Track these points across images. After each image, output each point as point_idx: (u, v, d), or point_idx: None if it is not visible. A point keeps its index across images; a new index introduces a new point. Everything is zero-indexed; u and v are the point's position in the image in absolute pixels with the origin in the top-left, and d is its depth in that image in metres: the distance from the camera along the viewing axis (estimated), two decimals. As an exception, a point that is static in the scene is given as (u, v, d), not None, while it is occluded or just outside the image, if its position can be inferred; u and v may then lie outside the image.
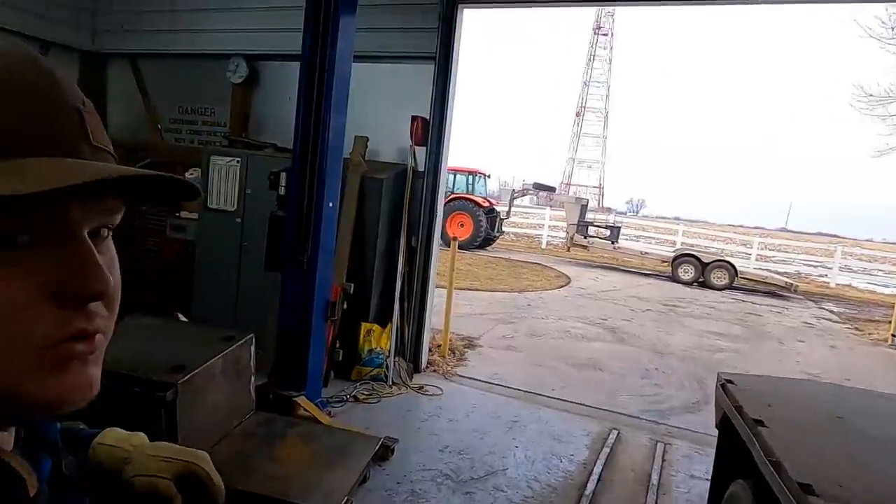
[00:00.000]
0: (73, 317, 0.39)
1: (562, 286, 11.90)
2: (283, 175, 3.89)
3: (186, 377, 2.84)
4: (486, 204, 17.05)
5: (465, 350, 6.19)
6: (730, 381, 2.73)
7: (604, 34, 70.48)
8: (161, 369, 2.83)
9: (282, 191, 3.91)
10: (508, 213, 18.17)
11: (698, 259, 14.13)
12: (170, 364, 2.88)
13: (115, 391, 2.72)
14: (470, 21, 5.03)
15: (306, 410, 3.69)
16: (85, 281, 0.38)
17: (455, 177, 17.70)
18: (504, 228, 18.89)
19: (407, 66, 5.07)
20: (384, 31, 4.97)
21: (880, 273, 21.29)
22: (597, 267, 15.80)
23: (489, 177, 18.28)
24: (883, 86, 12.43)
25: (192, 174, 5.64)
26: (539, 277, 12.74)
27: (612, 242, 15.69)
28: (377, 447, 3.32)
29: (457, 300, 9.25)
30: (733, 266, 14.01)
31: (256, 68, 5.70)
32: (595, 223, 17.43)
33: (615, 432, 4.34)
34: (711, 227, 34.67)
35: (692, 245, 17.81)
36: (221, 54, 5.70)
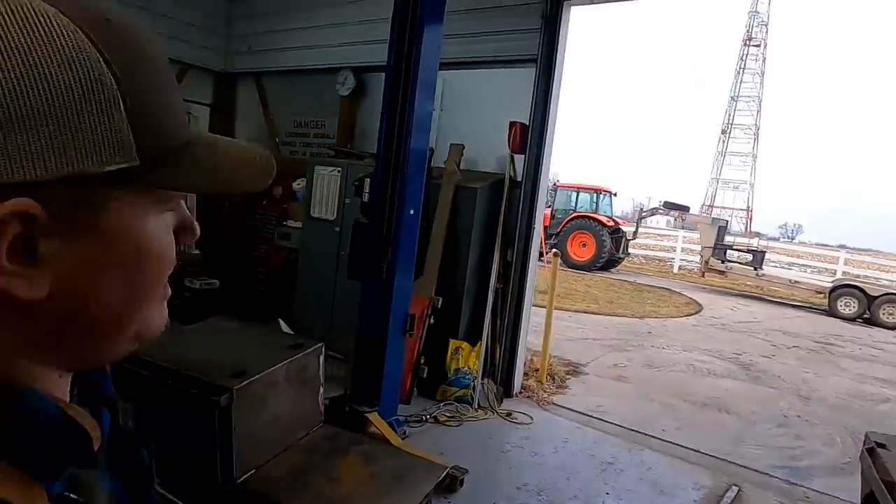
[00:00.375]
0: (174, 259, 0.44)
1: (691, 314, 10.79)
2: (367, 181, 3.78)
3: (244, 383, 2.75)
4: (611, 223, 16.14)
5: (567, 377, 5.68)
6: (881, 446, 2.07)
7: (755, 45, 65.25)
8: (221, 373, 2.78)
9: (365, 197, 3.80)
10: (635, 233, 17.05)
11: (863, 291, 12.13)
12: (232, 369, 2.83)
13: (177, 392, 2.71)
14: (580, 20, 4.65)
15: (377, 428, 3.50)
16: (196, 228, 0.46)
17: (578, 194, 17.04)
18: (631, 250, 17.78)
19: (508, 70, 4.80)
20: (483, 35, 4.75)
21: None
22: (736, 295, 14.21)
23: (615, 195, 17.32)
24: None
25: (298, 185, 5.81)
26: (666, 303, 11.68)
27: (755, 269, 14.03)
28: (442, 476, 3.02)
29: (568, 323, 8.72)
30: (911, 303, 11.83)
31: (363, 80, 5.76)
32: (735, 247, 15.74)
33: (734, 489, 3.64)
34: (884, 256, 29.99)
35: (857, 275, 15.43)
36: (332, 68, 5.84)
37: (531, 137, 4.56)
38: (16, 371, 0.38)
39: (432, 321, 4.40)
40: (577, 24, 4.74)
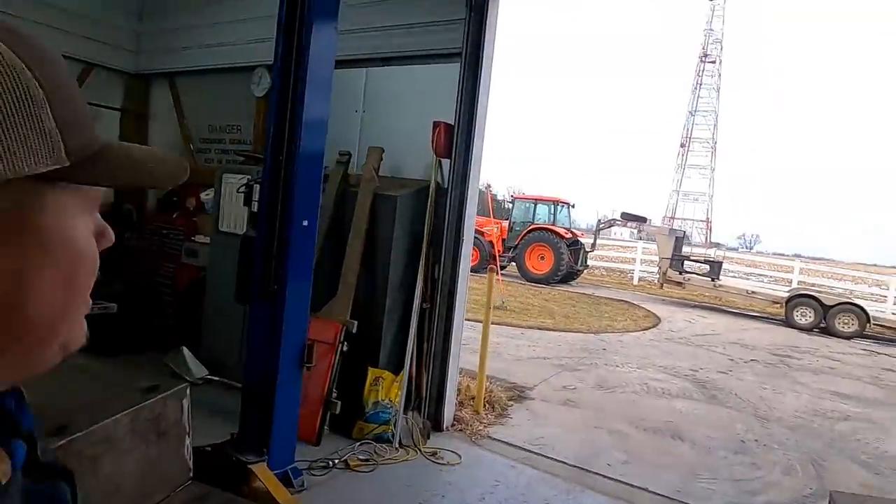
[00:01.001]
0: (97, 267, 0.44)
1: (648, 328, 10.46)
2: (256, 187, 3.22)
3: (63, 442, 2.16)
4: (569, 235, 15.86)
5: (510, 403, 5.17)
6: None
7: (711, 62, 67.12)
8: (37, 429, 2.16)
9: (254, 206, 3.24)
10: (594, 245, 16.81)
11: (819, 301, 12.05)
12: (53, 422, 2.22)
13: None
14: (508, 10, 4.21)
15: (262, 482, 2.91)
16: (110, 234, 0.46)
17: (536, 206, 16.73)
18: (590, 262, 17.53)
19: (433, 66, 4.33)
20: (405, 27, 4.28)
21: None
22: (694, 307, 14.04)
23: (573, 206, 17.08)
24: None
25: (207, 195, 5.20)
26: (623, 317, 11.35)
27: (712, 279, 13.88)
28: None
29: (520, 341, 8.25)
30: (864, 310, 11.79)
31: (281, 80, 5.21)
32: (692, 257, 15.62)
33: (684, 539, 3.16)
34: (837, 265, 30.61)
35: (812, 284, 15.46)
36: (246, 66, 5.27)
37: (457, 139, 4.08)
38: None
39: (346, 348, 3.84)
40: (530, 21, 4.32)
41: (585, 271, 17.13)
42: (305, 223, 3.05)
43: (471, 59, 4.06)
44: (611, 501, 3.55)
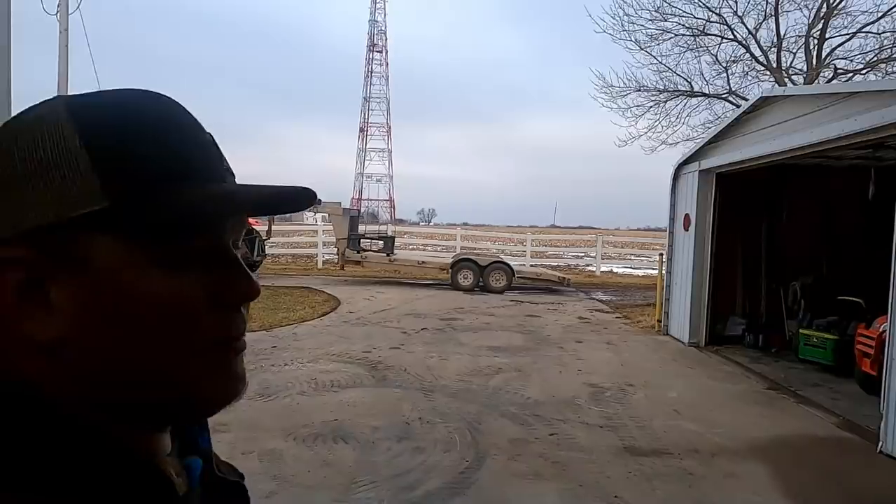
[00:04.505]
0: (234, 317, 0.44)
1: (326, 313, 10.03)
2: None
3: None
4: (242, 224, 14.48)
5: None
6: None
7: (378, 51, 71.43)
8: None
9: None
10: (268, 232, 15.76)
11: (476, 262, 13.42)
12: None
13: None
14: None
15: None
16: (244, 286, 0.44)
17: (199, 195, 14.81)
18: (270, 250, 16.45)
19: None
20: None
21: (631, 257, 23.61)
22: (374, 283, 14.28)
23: (244, 193, 15.65)
24: (622, 77, 12.95)
25: None
26: (302, 305, 10.70)
27: (388, 254, 14.32)
28: None
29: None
30: (510, 266, 13.57)
31: None
32: (367, 235, 15.94)
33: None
34: (493, 229, 36.08)
35: (472, 249, 17.38)
36: None
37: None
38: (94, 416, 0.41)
39: None
40: None
41: (265, 261, 15.99)
42: None
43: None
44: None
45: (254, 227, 14.91)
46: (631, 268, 21.22)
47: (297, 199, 0.44)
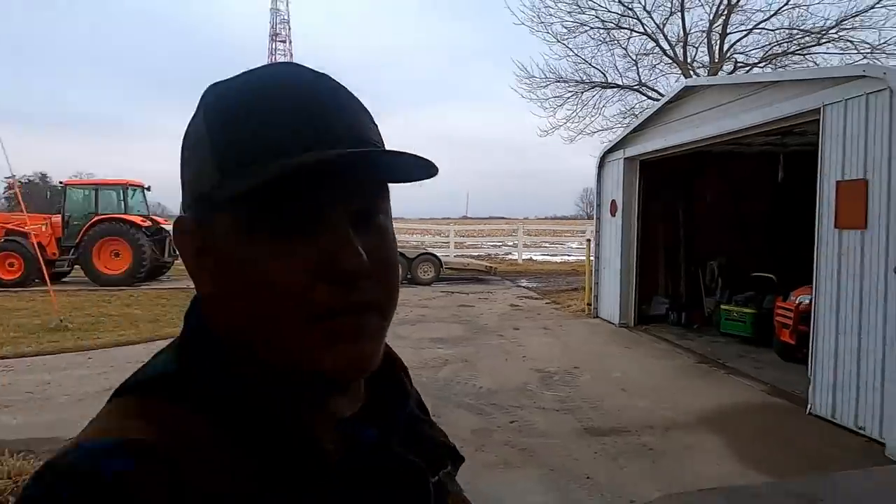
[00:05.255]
0: (343, 292, 0.43)
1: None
2: None
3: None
4: (149, 223, 13.44)
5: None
6: None
7: (281, 41, 68.95)
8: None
9: None
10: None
11: (403, 255, 13.26)
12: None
13: None
14: None
15: None
16: (341, 259, 0.43)
17: (97, 193, 13.55)
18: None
19: None
20: None
21: (546, 245, 24.41)
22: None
23: (149, 189, 14.54)
24: (542, 69, 13.23)
25: None
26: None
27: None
28: None
29: (84, 369, 6.15)
30: (438, 258, 13.56)
31: None
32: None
33: None
34: (407, 221, 35.88)
35: (401, 241, 17.19)
36: None
37: None
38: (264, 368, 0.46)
39: None
40: None
41: (177, 261, 14.97)
42: None
43: None
44: None
45: (162, 225, 13.91)
46: (549, 255, 21.93)
47: (409, 168, 0.45)
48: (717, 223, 8.81)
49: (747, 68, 11.58)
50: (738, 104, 5.88)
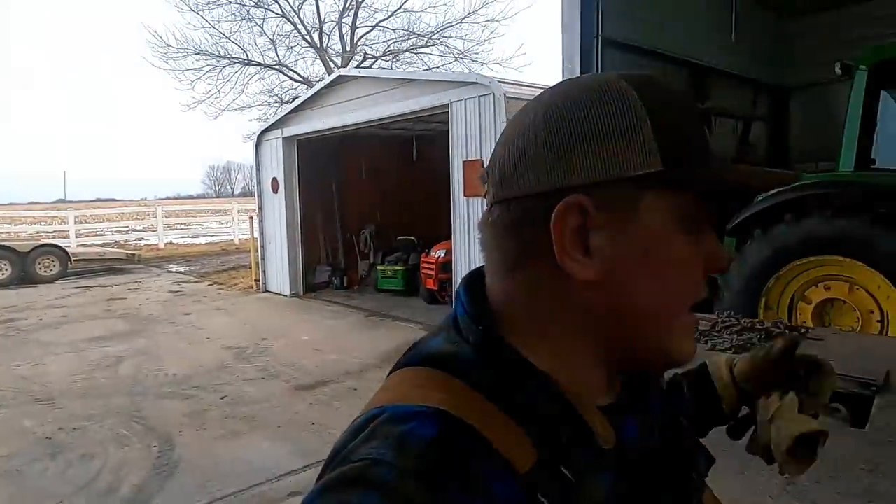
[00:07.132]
0: (706, 285, 0.49)
1: None
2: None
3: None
4: None
5: None
6: None
7: None
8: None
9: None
10: None
11: (13, 250, 10.80)
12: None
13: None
14: None
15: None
16: (723, 258, 0.50)
17: None
18: None
19: None
20: None
21: (181, 227, 22.85)
22: None
23: None
24: (179, 39, 12.29)
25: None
26: None
27: None
28: None
29: None
30: (62, 249, 11.47)
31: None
32: None
33: None
34: (36, 208, 28.02)
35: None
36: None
37: None
38: (553, 361, 0.47)
39: None
40: None
41: None
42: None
43: None
44: None
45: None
46: (190, 237, 20.63)
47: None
48: (367, 196, 10.07)
49: (373, 60, 13.27)
50: (385, 95, 6.98)
